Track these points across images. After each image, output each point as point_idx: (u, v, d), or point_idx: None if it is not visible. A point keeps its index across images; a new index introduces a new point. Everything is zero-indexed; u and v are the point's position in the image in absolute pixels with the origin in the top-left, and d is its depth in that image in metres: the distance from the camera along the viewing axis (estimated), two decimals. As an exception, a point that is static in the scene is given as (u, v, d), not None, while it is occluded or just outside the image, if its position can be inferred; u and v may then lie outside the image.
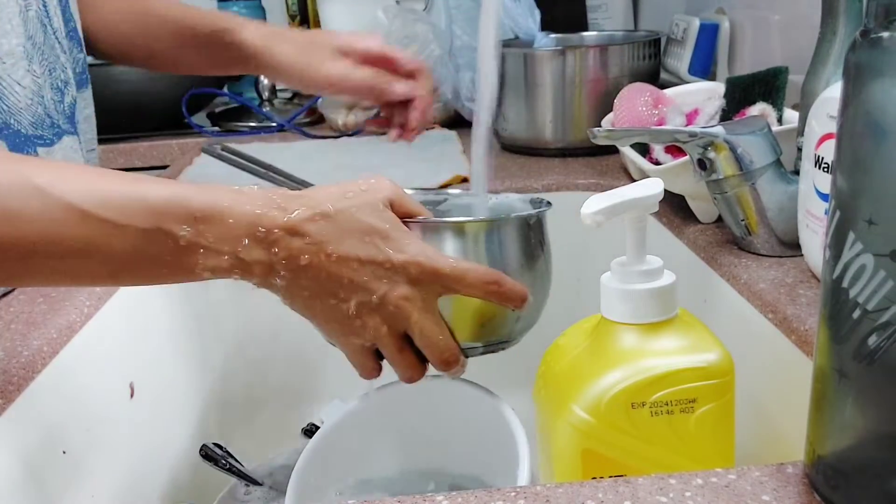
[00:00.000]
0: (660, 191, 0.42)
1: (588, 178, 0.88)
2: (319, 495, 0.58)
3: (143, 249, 0.39)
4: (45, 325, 0.57)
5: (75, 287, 0.42)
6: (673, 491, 0.36)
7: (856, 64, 0.30)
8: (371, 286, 0.43)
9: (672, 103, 0.76)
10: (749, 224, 0.60)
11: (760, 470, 0.37)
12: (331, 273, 0.42)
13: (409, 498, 0.37)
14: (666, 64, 1.07)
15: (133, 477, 0.64)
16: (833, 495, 0.34)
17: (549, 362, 0.48)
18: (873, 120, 0.29)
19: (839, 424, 0.33)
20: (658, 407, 0.41)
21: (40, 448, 0.52)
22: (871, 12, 0.29)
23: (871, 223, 0.29)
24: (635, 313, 0.43)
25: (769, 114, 0.65)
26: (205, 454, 0.69)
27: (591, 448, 0.42)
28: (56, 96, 0.64)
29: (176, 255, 0.40)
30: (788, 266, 0.59)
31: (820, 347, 0.33)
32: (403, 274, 0.43)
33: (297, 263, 0.42)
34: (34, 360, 0.53)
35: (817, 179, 0.53)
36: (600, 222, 0.41)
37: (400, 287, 0.44)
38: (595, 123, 0.89)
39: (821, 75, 0.58)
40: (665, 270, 0.44)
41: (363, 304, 0.44)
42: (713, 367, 0.42)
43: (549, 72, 0.94)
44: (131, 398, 0.66)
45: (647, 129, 0.71)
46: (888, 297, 0.29)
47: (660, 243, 0.73)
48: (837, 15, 0.56)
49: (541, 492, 0.36)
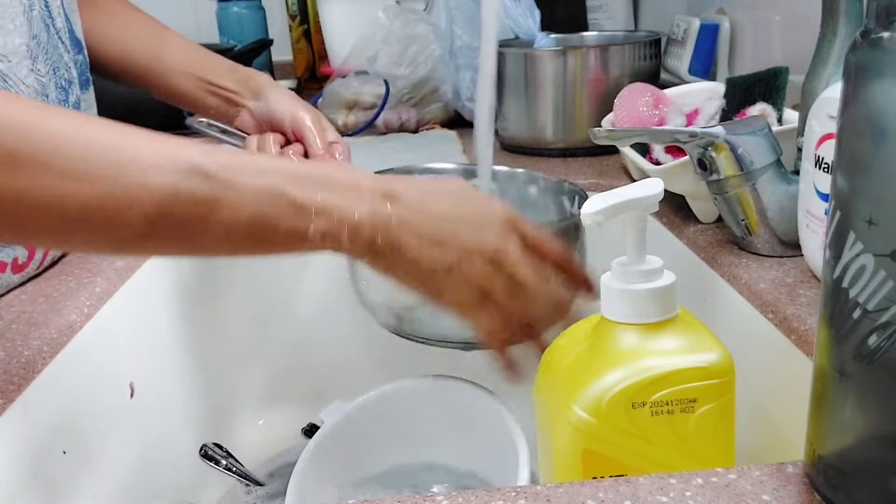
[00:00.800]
0: (660, 191, 0.42)
1: (588, 178, 0.88)
2: (319, 495, 0.58)
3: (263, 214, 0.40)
4: (46, 325, 0.57)
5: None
6: (673, 491, 0.36)
7: (856, 64, 0.30)
8: (472, 238, 0.45)
9: (672, 103, 0.76)
10: (749, 224, 0.60)
11: (760, 470, 0.37)
12: (434, 229, 0.44)
13: (409, 498, 0.37)
14: (666, 64, 1.07)
15: (133, 477, 0.64)
16: (833, 495, 0.34)
17: (549, 362, 0.48)
18: (873, 120, 0.29)
19: (839, 424, 0.33)
20: (658, 407, 0.41)
21: (40, 448, 0.52)
22: (871, 12, 0.29)
23: (871, 223, 0.29)
24: (635, 313, 0.43)
25: (769, 114, 0.65)
26: (205, 454, 0.69)
27: (591, 448, 0.42)
28: (61, 95, 0.64)
29: (292, 220, 0.41)
30: (788, 266, 0.59)
31: (820, 347, 0.33)
32: (501, 224, 0.46)
33: (400, 231, 0.43)
34: (34, 360, 0.53)
35: (817, 179, 0.53)
36: (600, 222, 0.41)
37: (502, 237, 0.46)
38: (595, 123, 0.89)
39: (821, 75, 0.58)
40: (665, 270, 0.44)
41: (468, 252, 0.45)
42: (713, 367, 0.42)
43: (549, 72, 0.94)
44: (131, 398, 0.66)
45: (648, 129, 0.71)
46: (888, 297, 0.29)
47: (660, 243, 0.73)
48: (837, 15, 0.56)
49: (541, 492, 0.36)
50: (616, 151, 0.92)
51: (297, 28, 1.56)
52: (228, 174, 0.39)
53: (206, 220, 0.39)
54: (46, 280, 0.65)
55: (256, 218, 0.40)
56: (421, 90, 1.14)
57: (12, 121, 0.35)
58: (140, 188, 0.37)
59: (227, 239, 0.40)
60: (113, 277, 0.67)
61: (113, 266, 0.68)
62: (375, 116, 1.11)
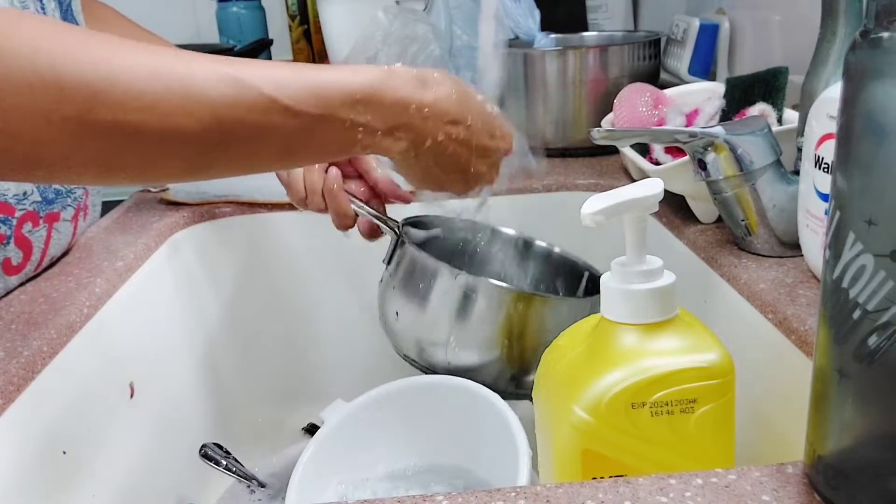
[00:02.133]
0: (660, 191, 0.42)
1: (588, 178, 0.88)
2: (320, 495, 0.58)
3: (314, 130, 0.45)
4: (45, 325, 0.57)
5: (246, 174, 0.46)
6: (673, 491, 0.36)
7: (856, 64, 0.30)
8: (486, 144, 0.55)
9: (672, 103, 0.76)
10: (749, 224, 0.60)
11: (760, 470, 0.37)
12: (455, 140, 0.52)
13: (409, 498, 0.37)
14: (666, 64, 1.07)
15: (133, 477, 0.64)
16: (833, 495, 0.34)
17: (549, 362, 0.48)
18: (873, 120, 0.29)
19: (839, 424, 0.33)
20: (658, 407, 0.41)
21: (40, 448, 0.52)
22: (871, 12, 0.29)
23: (871, 223, 0.29)
24: (635, 313, 0.43)
25: (769, 114, 0.65)
26: (205, 454, 0.69)
27: (591, 448, 0.42)
28: None
29: (340, 133, 0.46)
30: (788, 266, 0.59)
31: (820, 347, 0.33)
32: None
33: (436, 132, 0.51)
34: (34, 360, 0.53)
35: (817, 179, 0.53)
36: (600, 222, 0.41)
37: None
38: (595, 123, 0.89)
39: (821, 75, 0.58)
40: (665, 270, 0.44)
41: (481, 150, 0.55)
42: (713, 367, 0.42)
43: (549, 72, 0.94)
44: (131, 398, 0.66)
45: (647, 129, 0.71)
46: (888, 297, 0.29)
47: (660, 243, 0.73)
48: (837, 15, 0.56)
49: (541, 492, 0.36)
50: (616, 151, 0.92)
51: (296, 28, 1.56)
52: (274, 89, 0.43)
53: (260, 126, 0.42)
54: (46, 280, 0.65)
55: (309, 136, 0.45)
56: (421, 90, 1.14)
57: (92, 56, 0.38)
58: (197, 102, 0.40)
59: (286, 147, 0.45)
60: (113, 277, 0.67)
61: (113, 266, 0.68)
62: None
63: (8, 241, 0.60)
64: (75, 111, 0.37)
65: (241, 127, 0.42)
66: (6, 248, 0.60)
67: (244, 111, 0.42)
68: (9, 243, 0.60)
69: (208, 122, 0.41)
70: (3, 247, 0.60)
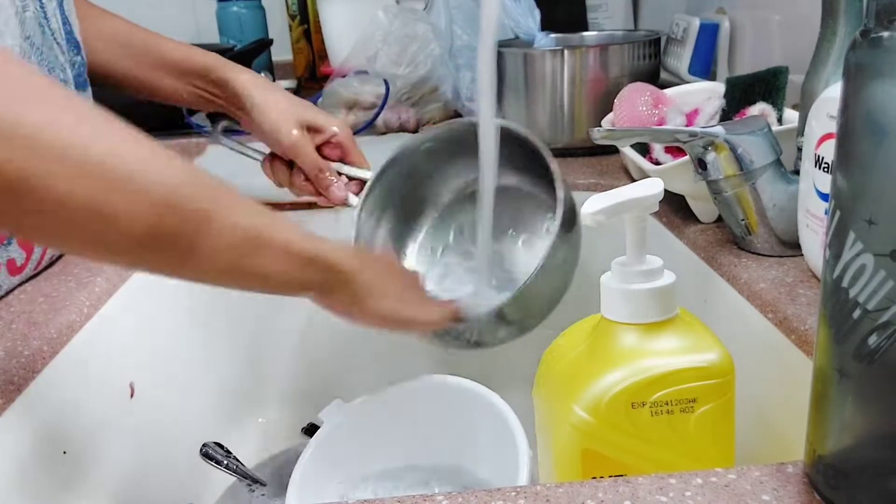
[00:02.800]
0: (660, 191, 0.42)
1: (588, 178, 0.88)
2: (320, 495, 0.58)
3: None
4: (46, 325, 0.57)
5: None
6: (673, 491, 0.36)
7: (856, 64, 0.30)
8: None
9: (672, 103, 0.76)
10: (749, 224, 0.60)
11: (760, 470, 0.37)
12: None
13: (409, 498, 0.37)
14: (666, 64, 1.07)
15: (133, 477, 0.64)
16: (833, 495, 0.34)
17: (548, 362, 0.48)
18: (873, 120, 0.29)
19: (839, 424, 0.33)
20: (658, 407, 0.41)
21: (40, 448, 0.52)
22: (871, 12, 0.29)
23: (871, 223, 0.29)
24: (635, 313, 0.43)
25: (769, 114, 0.65)
26: (205, 454, 0.69)
27: (591, 448, 0.42)
28: None
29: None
30: (788, 266, 0.59)
31: (820, 347, 0.33)
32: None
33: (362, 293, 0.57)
34: (34, 360, 0.53)
35: (817, 179, 0.53)
36: (600, 222, 0.41)
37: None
38: (595, 123, 0.89)
39: (821, 75, 0.58)
40: (665, 270, 0.44)
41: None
42: (713, 367, 0.42)
43: (549, 72, 0.94)
44: (131, 398, 0.66)
45: (647, 129, 0.71)
46: (888, 296, 0.29)
47: (660, 243, 0.73)
48: (837, 15, 0.56)
49: (541, 492, 0.36)
50: (616, 151, 0.92)
51: (296, 28, 1.56)
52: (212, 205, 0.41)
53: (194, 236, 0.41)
54: (46, 280, 0.65)
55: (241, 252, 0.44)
56: (420, 90, 1.14)
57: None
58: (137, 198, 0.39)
59: (211, 263, 0.43)
60: (113, 277, 0.67)
61: (113, 266, 0.68)
62: (375, 116, 1.11)
63: (10, 242, 0.60)
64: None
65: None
66: (8, 248, 0.60)
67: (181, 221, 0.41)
68: (10, 244, 0.60)
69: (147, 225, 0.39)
70: (5, 247, 0.60)
